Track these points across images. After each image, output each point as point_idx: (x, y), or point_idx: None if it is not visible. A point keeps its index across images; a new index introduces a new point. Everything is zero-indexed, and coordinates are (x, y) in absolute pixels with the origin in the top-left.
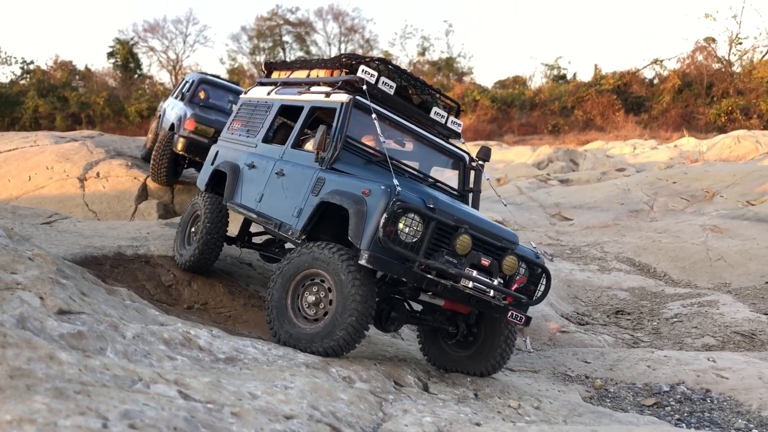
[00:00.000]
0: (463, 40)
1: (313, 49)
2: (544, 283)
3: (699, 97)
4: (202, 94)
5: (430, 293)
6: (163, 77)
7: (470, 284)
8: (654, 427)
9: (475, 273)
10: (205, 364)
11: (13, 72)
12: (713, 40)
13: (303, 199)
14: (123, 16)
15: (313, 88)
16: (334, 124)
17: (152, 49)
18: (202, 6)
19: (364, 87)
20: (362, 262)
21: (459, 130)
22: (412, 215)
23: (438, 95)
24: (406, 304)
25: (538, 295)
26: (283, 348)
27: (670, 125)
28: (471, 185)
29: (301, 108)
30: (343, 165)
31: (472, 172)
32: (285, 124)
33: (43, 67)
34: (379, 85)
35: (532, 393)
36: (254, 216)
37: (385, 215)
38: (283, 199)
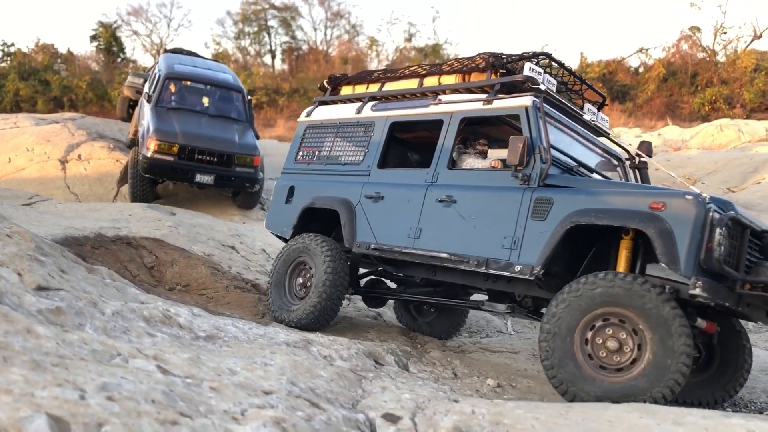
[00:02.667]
0: (450, 27)
1: (299, 35)
2: None
3: (683, 87)
4: (172, 87)
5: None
6: (147, 61)
7: None
8: (627, 405)
9: None
10: (185, 341)
11: None
12: (698, 29)
13: (517, 226)
14: None
15: (451, 97)
16: (528, 133)
17: (136, 32)
18: None
19: (543, 86)
20: (696, 291)
21: (607, 126)
22: (729, 224)
23: (587, 88)
24: None
25: None
26: (264, 327)
27: (655, 114)
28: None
29: (436, 122)
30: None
31: (634, 170)
32: (393, 143)
33: (24, 50)
34: (544, 83)
35: (510, 373)
36: (415, 256)
37: (719, 230)
38: (471, 231)
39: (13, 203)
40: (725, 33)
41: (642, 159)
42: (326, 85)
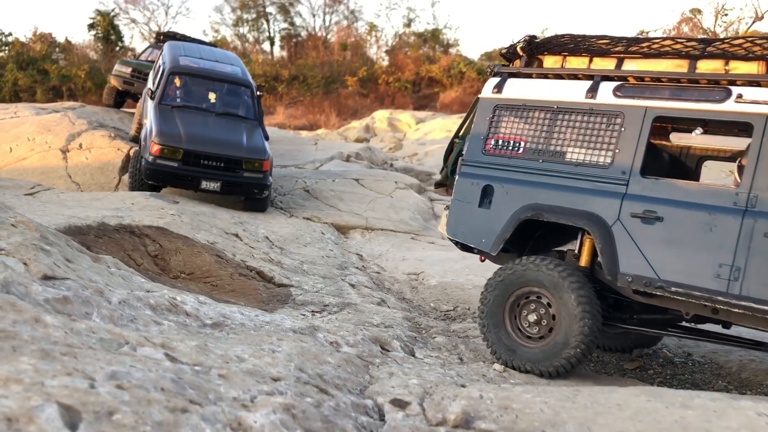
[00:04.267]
0: (449, 11)
1: (298, 21)
2: None
3: None
4: (177, 82)
5: None
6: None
7: None
8: (634, 389)
9: None
10: (192, 329)
11: None
12: (699, 11)
13: None
14: None
15: (759, 93)
16: None
17: (134, 20)
18: None
19: None
20: None
21: None
22: None
23: None
24: None
25: None
26: (270, 314)
27: None
28: None
29: (737, 125)
30: None
31: None
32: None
33: (22, 39)
34: None
35: None
36: (753, 309)
37: None
38: None
39: (16, 193)
40: (726, 15)
41: None
42: (520, 52)
